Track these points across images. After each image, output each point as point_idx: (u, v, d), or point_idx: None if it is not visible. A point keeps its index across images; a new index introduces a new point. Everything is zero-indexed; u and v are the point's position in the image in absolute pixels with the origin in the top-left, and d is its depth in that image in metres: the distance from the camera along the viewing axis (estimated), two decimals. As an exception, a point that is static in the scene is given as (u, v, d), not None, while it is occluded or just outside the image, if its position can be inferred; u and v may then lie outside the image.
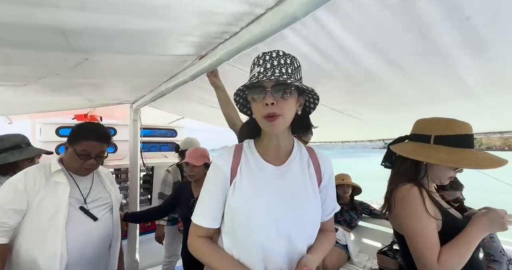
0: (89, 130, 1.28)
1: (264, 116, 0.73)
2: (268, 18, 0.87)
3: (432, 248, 0.92)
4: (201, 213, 0.83)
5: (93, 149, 1.26)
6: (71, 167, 1.29)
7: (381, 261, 2.01)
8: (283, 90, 0.72)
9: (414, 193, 0.99)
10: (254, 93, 0.74)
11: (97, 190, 1.37)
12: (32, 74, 1.32)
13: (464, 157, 0.95)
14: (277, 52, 0.76)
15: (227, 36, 1.08)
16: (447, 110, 1.73)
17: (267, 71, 0.73)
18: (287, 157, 0.85)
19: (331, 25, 0.97)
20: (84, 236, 1.25)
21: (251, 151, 0.86)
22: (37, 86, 1.52)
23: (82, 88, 1.74)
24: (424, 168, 1.05)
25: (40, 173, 1.21)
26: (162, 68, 1.51)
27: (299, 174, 0.84)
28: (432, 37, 0.97)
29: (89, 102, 2.50)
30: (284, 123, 0.76)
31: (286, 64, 0.74)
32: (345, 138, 3.37)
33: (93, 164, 1.28)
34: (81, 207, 1.26)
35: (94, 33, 0.96)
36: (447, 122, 1.02)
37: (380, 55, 1.17)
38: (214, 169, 0.84)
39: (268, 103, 0.71)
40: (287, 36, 1.10)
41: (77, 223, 1.22)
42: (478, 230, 0.93)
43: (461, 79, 1.28)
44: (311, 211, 0.82)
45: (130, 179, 2.49)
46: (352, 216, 2.54)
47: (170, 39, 1.09)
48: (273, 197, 0.78)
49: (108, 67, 1.39)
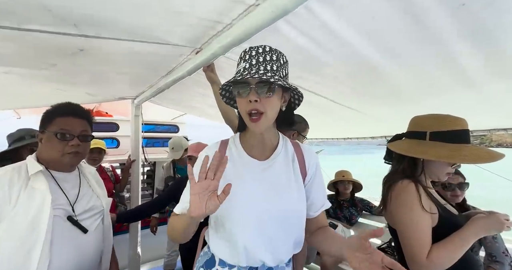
0: (63, 106, 1.09)
1: (248, 113, 0.74)
2: (259, 11, 0.86)
3: (423, 243, 0.92)
4: (182, 201, 0.83)
5: (72, 126, 1.05)
6: (52, 159, 1.04)
7: (380, 258, 2.00)
8: (267, 88, 0.72)
9: (410, 188, 0.99)
10: (238, 89, 0.75)
11: (86, 196, 1.12)
12: (26, 62, 1.29)
13: (460, 152, 0.94)
14: (263, 47, 0.76)
15: (220, 28, 1.07)
16: (449, 101, 1.70)
17: (252, 68, 0.74)
18: (272, 152, 0.86)
19: (325, 16, 0.96)
20: (75, 254, 1.00)
21: (236, 146, 0.87)
22: (38, 73, 1.49)
23: (81, 77, 1.73)
24: (421, 164, 1.05)
25: (15, 175, 0.94)
26: (159, 60, 1.52)
27: (283, 168, 0.85)
28: (428, 25, 0.95)
29: (92, 97, 2.53)
30: (267, 122, 0.77)
31: (272, 61, 0.75)
32: (348, 134, 3.35)
33: (77, 145, 1.05)
34: (69, 217, 1.00)
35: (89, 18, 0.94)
36: (442, 118, 1.01)
37: (376, 44, 1.15)
38: (199, 164, 0.83)
39: (251, 100, 0.72)
40: (282, 28, 1.09)
41: (66, 238, 0.97)
42: (474, 232, 0.92)
43: (461, 67, 1.25)
44: (293, 204, 0.83)
45: (131, 174, 2.53)
46: (352, 212, 2.54)
47: (163, 26, 1.08)
48: (255, 191, 0.80)
49: (103, 56, 1.37)
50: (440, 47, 1.09)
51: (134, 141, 2.53)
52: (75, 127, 1.07)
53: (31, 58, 1.30)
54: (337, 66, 1.40)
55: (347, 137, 3.37)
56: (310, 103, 2.20)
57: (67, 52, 1.21)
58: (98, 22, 0.97)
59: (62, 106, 1.09)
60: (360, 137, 3.22)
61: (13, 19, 0.89)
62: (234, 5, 0.90)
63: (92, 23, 0.97)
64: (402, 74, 1.42)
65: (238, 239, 0.77)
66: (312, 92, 1.94)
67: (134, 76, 1.90)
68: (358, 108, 2.17)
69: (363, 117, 2.35)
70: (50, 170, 1.05)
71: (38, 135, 1.07)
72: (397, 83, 1.54)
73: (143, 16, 0.98)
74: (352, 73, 1.48)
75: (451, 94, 1.61)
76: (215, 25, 1.06)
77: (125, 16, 0.96)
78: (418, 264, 0.91)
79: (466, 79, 1.38)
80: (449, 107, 1.80)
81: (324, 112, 2.43)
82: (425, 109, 1.89)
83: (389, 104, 1.97)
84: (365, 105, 2.10)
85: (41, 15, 0.88)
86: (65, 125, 1.04)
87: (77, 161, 1.10)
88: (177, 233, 0.78)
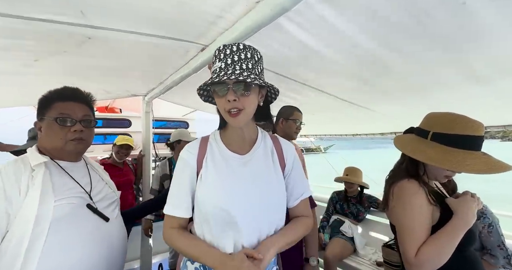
0: (61, 90, 1.01)
1: (227, 111, 0.76)
2: (260, 8, 0.88)
3: (415, 241, 0.92)
4: (172, 204, 0.85)
5: (73, 111, 0.98)
6: (54, 147, 0.97)
7: (386, 254, 1.99)
8: (244, 87, 0.74)
9: (411, 186, 0.99)
10: (216, 88, 0.76)
11: (99, 185, 1.08)
12: (39, 48, 1.27)
13: (453, 157, 0.89)
14: (237, 45, 0.76)
15: (224, 24, 1.09)
16: (461, 97, 1.65)
17: (228, 68, 0.74)
18: (252, 146, 0.89)
19: (326, 12, 0.97)
20: (103, 244, 0.96)
21: (216, 142, 0.89)
22: (49, 64, 1.49)
23: (94, 71, 1.77)
24: (420, 163, 1.04)
25: (21, 167, 0.88)
26: (167, 57, 1.56)
27: (263, 161, 0.87)
28: (430, 22, 0.94)
29: (107, 94, 2.63)
30: (246, 117, 0.79)
31: (247, 59, 0.75)
32: (357, 131, 3.31)
33: (80, 130, 0.98)
34: (88, 204, 0.96)
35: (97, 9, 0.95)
36: (452, 119, 0.95)
37: (381, 38, 1.14)
38: (181, 162, 0.87)
39: (230, 100, 0.74)
40: (288, 25, 1.09)
41: (89, 228, 0.93)
42: (456, 224, 0.90)
43: (468, 64, 1.22)
44: (275, 195, 0.85)
45: (143, 170, 2.62)
46: (359, 209, 2.53)
47: (168, 18, 1.09)
48: (237, 185, 0.82)
49: (111, 47, 1.37)
50: (447, 42, 1.07)
51: (145, 137, 2.61)
52: (76, 112, 0.99)
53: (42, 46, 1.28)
54: (343, 62, 1.40)
55: (356, 133, 3.33)
56: (315, 100, 2.20)
57: (76, 40, 1.21)
58: (105, 10, 0.98)
59: (59, 90, 1.01)
60: (369, 133, 3.18)
61: (20, 7, 0.90)
62: (237, 1, 0.92)
63: (99, 11, 0.98)
64: (408, 68, 1.39)
65: (226, 233, 0.79)
66: (320, 91, 1.94)
67: (144, 73, 1.96)
68: (366, 105, 2.15)
69: (372, 114, 2.32)
70: (56, 160, 0.98)
71: (36, 123, 0.99)
72: (404, 77, 1.51)
73: (148, 7, 0.99)
74: (359, 68, 1.47)
75: (461, 89, 1.57)
76: (219, 21, 1.08)
77: (132, 5, 0.96)
78: (407, 262, 0.91)
79: (476, 75, 1.34)
80: (461, 102, 1.76)
81: (330, 108, 2.42)
82: (436, 105, 1.85)
83: (398, 100, 1.93)
84: (373, 102, 2.08)
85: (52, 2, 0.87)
86: (65, 110, 0.97)
87: (82, 148, 1.03)
88: (188, 254, 0.81)
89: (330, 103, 2.21)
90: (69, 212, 0.90)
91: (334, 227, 2.53)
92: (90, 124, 1.04)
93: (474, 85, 1.46)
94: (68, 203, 0.91)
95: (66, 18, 1.00)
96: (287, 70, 1.67)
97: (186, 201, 0.84)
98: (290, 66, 1.59)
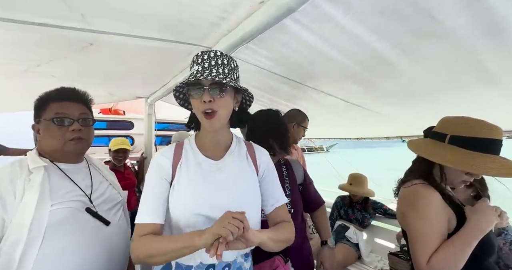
0: (56, 91, 0.99)
1: (203, 112, 0.77)
2: (264, 9, 0.86)
3: (427, 248, 0.88)
4: (145, 212, 0.79)
5: (70, 110, 0.95)
6: (54, 149, 0.95)
7: (392, 263, 1.94)
8: (219, 88, 0.76)
9: (423, 190, 0.95)
10: (193, 90, 0.78)
11: (101, 186, 1.04)
12: (39, 54, 1.29)
13: (473, 161, 0.87)
14: (215, 52, 0.80)
15: (227, 26, 1.07)
16: (472, 99, 1.58)
17: (205, 71, 0.77)
18: (226, 151, 0.89)
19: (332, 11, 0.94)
20: (102, 248, 0.93)
21: (191, 147, 0.88)
22: (51, 70, 1.50)
23: (97, 75, 1.77)
24: (438, 167, 1.00)
25: (17, 170, 0.86)
26: (169, 60, 1.54)
27: (238, 166, 0.88)
28: (442, 19, 0.90)
29: (111, 97, 2.62)
30: (221, 120, 0.80)
31: (223, 65, 0.79)
32: (361, 134, 3.26)
33: (78, 129, 0.95)
34: (87, 208, 0.93)
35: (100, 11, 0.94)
36: (470, 123, 0.93)
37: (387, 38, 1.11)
38: (155, 167, 0.84)
39: (205, 100, 0.75)
40: (289, 26, 1.07)
41: (87, 231, 0.90)
42: (471, 233, 0.87)
43: (481, 63, 1.17)
44: (250, 201, 0.85)
45: (145, 171, 2.59)
46: (364, 215, 2.47)
47: (171, 23, 1.09)
48: (210, 190, 0.81)
49: (113, 52, 1.38)
50: (456, 41, 1.03)
51: (147, 139, 2.61)
52: (73, 111, 0.96)
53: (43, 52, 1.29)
54: (347, 63, 1.36)
55: (360, 137, 3.28)
56: (321, 103, 2.17)
57: (78, 45, 1.21)
58: (106, 14, 0.97)
59: (54, 91, 0.99)
60: (374, 137, 3.12)
61: (22, 12, 0.90)
62: (239, 2, 0.90)
63: (99, 15, 0.97)
64: (415, 70, 1.35)
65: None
66: (322, 92, 1.91)
67: (147, 76, 1.95)
68: (370, 107, 2.11)
69: (377, 116, 2.27)
70: (56, 162, 0.95)
71: (34, 126, 0.98)
72: (412, 78, 1.47)
73: (149, 9, 0.98)
74: (363, 69, 1.43)
75: (471, 91, 1.51)
76: (222, 23, 1.06)
77: (133, 8, 0.96)
78: (418, 269, 0.88)
79: (489, 76, 1.29)
80: (472, 106, 1.69)
81: (335, 112, 2.38)
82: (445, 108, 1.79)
83: (403, 102, 1.88)
84: (377, 104, 2.03)
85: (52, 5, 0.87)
86: (62, 109, 0.95)
87: (82, 148, 1.00)
88: (170, 250, 0.71)
89: (335, 106, 2.17)
90: (66, 217, 0.86)
91: (338, 233, 2.47)
92: (88, 123, 1.01)
93: (488, 86, 1.41)
94: (65, 207, 0.88)
95: (66, 22, 0.99)
96: (291, 72, 1.64)
97: (160, 207, 0.81)
98: (294, 68, 1.56)
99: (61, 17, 0.94)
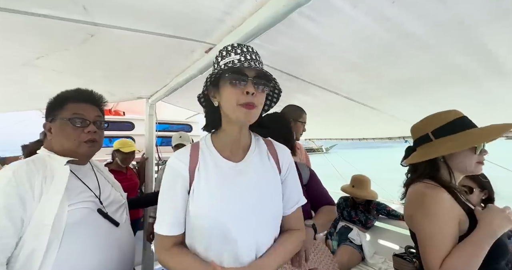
0: (75, 91, 1.00)
1: (242, 104, 0.70)
2: (271, 5, 0.83)
3: (439, 251, 0.86)
4: (166, 222, 0.76)
5: (87, 112, 0.97)
6: (66, 149, 0.93)
7: (397, 264, 1.91)
8: (263, 82, 0.71)
9: (433, 192, 0.92)
10: (233, 78, 0.70)
11: (106, 189, 1.05)
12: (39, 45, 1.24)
13: (470, 136, 0.92)
14: (251, 47, 0.76)
15: (231, 23, 1.05)
16: (477, 93, 1.55)
17: (249, 62, 0.71)
18: (246, 151, 0.83)
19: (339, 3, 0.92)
20: (115, 249, 0.94)
21: (208, 148, 0.82)
22: (51, 63, 1.45)
23: (98, 71, 1.73)
24: (441, 164, 0.98)
25: (33, 169, 0.84)
26: (171, 58, 1.52)
27: (260, 168, 0.82)
28: (450, 6, 0.88)
29: (112, 97, 2.59)
30: (257, 116, 0.75)
31: (261, 62, 0.76)
32: (363, 134, 3.24)
33: (93, 131, 0.96)
34: (99, 209, 0.93)
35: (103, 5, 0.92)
36: (435, 116, 1.02)
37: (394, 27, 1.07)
38: (171, 173, 0.78)
39: (250, 92, 0.69)
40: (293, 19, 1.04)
41: (103, 232, 0.91)
42: (483, 237, 0.85)
43: (490, 53, 1.15)
44: (273, 206, 0.82)
45: (146, 172, 2.57)
46: (368, 216, 2.45)
47: (174, 17, 1.06)
48: (233, 197, 0.75)
49: (114, 46, 1.33)
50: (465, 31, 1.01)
51: (148, 139, 2.57)
52: (90, 113, 0.97)
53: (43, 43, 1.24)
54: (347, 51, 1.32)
55: (362, 138, 3.26)
56: (320, 99, 2.14)
57: (78, 37, 1.18)
58: (109, 6, 0.95)
59: (74, 91, 1.00)
60: (377, 138, 3.10)
61: (23, 2, 0.87)
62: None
63: (101, 7, 0.94)
64: (423, 58, 1.30)
65: (219, 247, 0.73)
66: (323, 88, 1.88)
67: (148, 75, 1.92)
68: (375, 105, 2.08)
69: (379, 114, 2.24)
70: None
71: (45, 124, 0.97)
72: (417, 70, 1.43)
73: (152, 3, 0.95)
74: (368, 61, 1.39)
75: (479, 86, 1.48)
76: (227, 18, 1.03)
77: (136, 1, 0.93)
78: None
79: (497, 67, 1.26)
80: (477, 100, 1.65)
81: (338, 110, 2.36)
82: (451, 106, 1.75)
83: (406, 96, 1.84)
84: (382, 100, 1.98)
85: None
86: (80, 110, 0.95)
87: (93, 151, 1.00)
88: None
89: (337, 103, 2.13)
90: (82, 218, 0.87)
91: (341, 234, 2.45)
92: (102, 126, 1.03)
93: (496, 78, 1.37)
94: (82, 207, 0.88)
95: (68, 14, 0.96)
96: (292, 68, 1.60)
97: (181, 217, 0.77)
98: (296, 63, 1.53)
99: (62, 9, 0.91)
